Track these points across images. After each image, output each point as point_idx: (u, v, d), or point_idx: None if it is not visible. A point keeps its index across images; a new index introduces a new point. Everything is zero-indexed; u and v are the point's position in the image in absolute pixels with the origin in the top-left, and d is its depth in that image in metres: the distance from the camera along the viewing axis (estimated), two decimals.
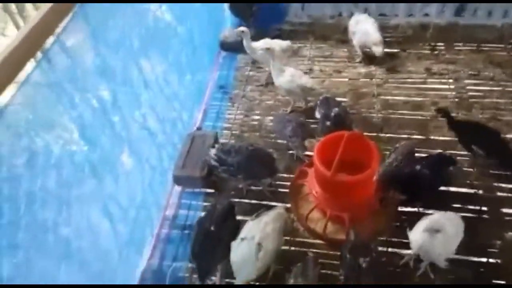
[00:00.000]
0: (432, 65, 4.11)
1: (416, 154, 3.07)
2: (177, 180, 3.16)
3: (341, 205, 2.73)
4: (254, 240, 2.37)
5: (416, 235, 2.37)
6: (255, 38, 4.30)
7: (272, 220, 2.49)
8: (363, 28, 4.07)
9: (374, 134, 3.47)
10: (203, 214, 2.75)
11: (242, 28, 3.80)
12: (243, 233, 2.47)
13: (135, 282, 2.65)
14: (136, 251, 2.73)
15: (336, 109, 3.16)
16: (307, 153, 3.20)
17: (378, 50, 3.99)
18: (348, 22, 4.27)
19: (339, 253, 2.61)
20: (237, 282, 2.35)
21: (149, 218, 2.93)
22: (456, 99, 3.74)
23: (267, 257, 2.37)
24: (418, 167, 2.77)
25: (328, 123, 3.12)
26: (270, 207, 2.97)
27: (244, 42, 3.82)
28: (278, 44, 3.89)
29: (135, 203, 2.75)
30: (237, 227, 2.55)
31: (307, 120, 3.53)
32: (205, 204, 3.13)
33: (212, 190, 3.20)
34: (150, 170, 3.00)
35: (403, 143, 2.98)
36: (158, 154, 3.17)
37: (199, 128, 3.67)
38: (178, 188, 3.23)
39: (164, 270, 2.72)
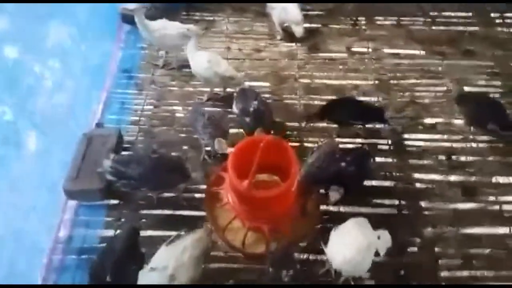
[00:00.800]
0: (354, 42, 3.92)
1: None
2: (70, 194, 2.68)
3: (259, 217, 2.49)
4: (166, 271, 2.04)
5: (333, 254, 2.22)
6: (165, 10, 3.77)
7: (190, 246, 2.16)
8: (282, 4, 3.69)
9: (297, 124, 3.24)
10: (96, 256, 2.28)
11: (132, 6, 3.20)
12: (155, 261, 2.12)
13: None
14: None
15: (255, 102, 2.85)
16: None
17: (298, 30, 3.69)
18: None
19: (259, 266, 2.43)
20: None
21: (36, 244, 2.45)
22: (376, 81, 3.60)
23: None
24: (343, 164, 2.61)
25: (247, 119, 2.82)
26: (186, 218, 2.69)
27: (136, 19, 3.24)
28: (178, 27, 3.33)
29: (12, 228, 2.25)
30: (142, 261, 2.18)
31: (226, 110, 3.19)
32: (108, 219, 2.70)
33: (115, 201, 2.77)
34: (32, 184, 2.48)
35: (325, 142, 2.78)
36: (43, 163, 2.62)
37: (99, 124, 3.13)
38: (72, 203, 2.74)
39: None
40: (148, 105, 3.34)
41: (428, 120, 3.31)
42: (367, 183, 2.86)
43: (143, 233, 2.58)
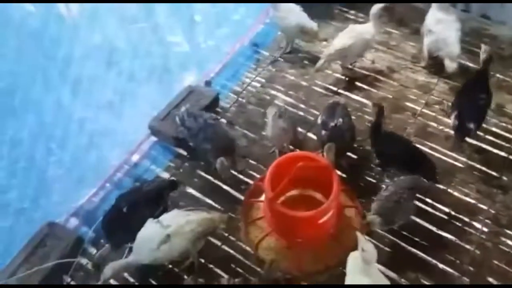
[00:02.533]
0: (509, 103, 3.21)
1: None
2: (153, 131, 3.03)
3: (279, 229, 2.40)
4: (166, 230, 2.20)
5: None
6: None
7: (196, 222, 2.25)
8: (444, 33, 3.17)
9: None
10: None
11: None
12: (163, 216, 2.30)
13: (65, 216, 2.67)
14: (78, 185, 2.73)
15: (340, 120, 2.65)
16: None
17: (451, 66, 3.16)
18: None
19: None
20: (130, 257, 2.23)
21: (109, 155, 2.89)
22: (511, 156, 2.92)
23: (170, 253, 2.20)
24: None
25: (323, 132, 2.66)
26: (229, 196, 2.77)
27: None
28: (303, 18, 3.30)
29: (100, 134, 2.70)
30: (163, 210, 2.38)
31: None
32: (170, 164, 2.98)
33: (184, 153, 3.02)
34: (137, 107, 2.91)
35: (403, 178, 2.47)
36: (148, 96, 3.04)
37: (207, 82, 3.39)
38: (153, 138, 3.10)
39: (99, 214, 2.71)
40: (255, 82, 3.44)
41: None
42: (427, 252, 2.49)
43: (190, 190, 2.80)
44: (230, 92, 3.39)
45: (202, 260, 2.48)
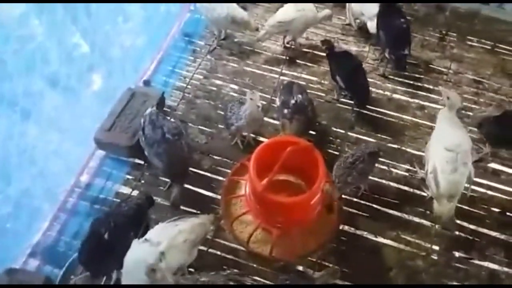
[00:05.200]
0: (435, 59, 3.52)
1: None
2: (100, 144, 2.72)
3: (271, 220, 2.35)
4: (158, 247, 2.00)
5: None
6: None
7: (189, 230, 2.09)
8: None
9: (342, 131, 3.01)
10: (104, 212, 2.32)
11: None
12: (150, 233, 2.10)
13: (23, 258, 2.30)
14: (30, 220, 2.36)
15: (300, 96, 2.67)
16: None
17: (370, 25, 3.34)
18: None
19: (257, 266, 2.35)
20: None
21: (56, 182, 2.53)
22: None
23: (167, 271, 2.01)
24: None
25: (285, 111, 2.64)
26: (201, 197, 2.63)
27: None
28: (236, 10, 3.20)
29: (38, 161, 2.33)
30: (146, 230, 2.17)
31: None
32: (128, 177, 2.72)
33: (140, 162, 2.77)
34: (68, 125, 2.54)
35: (370, 143, 2.60)
36: (87, 106, 2.69)
37: (146, 82, 3.13)
38: (100, 152, 2.79)
39: (60, 248, 2.38)
40: (198, 75, 3.27)
41: (493, 165, 2.91)
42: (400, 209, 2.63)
43: (158, 200, 2.58)
44: (173, 89, 3.18)
45: (192, 270, 2.33)
